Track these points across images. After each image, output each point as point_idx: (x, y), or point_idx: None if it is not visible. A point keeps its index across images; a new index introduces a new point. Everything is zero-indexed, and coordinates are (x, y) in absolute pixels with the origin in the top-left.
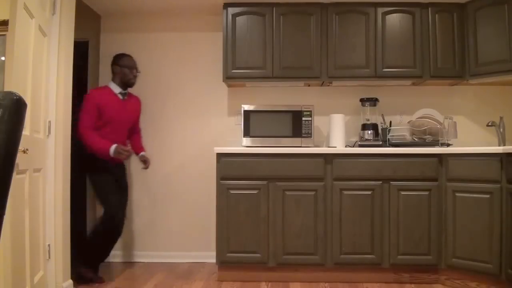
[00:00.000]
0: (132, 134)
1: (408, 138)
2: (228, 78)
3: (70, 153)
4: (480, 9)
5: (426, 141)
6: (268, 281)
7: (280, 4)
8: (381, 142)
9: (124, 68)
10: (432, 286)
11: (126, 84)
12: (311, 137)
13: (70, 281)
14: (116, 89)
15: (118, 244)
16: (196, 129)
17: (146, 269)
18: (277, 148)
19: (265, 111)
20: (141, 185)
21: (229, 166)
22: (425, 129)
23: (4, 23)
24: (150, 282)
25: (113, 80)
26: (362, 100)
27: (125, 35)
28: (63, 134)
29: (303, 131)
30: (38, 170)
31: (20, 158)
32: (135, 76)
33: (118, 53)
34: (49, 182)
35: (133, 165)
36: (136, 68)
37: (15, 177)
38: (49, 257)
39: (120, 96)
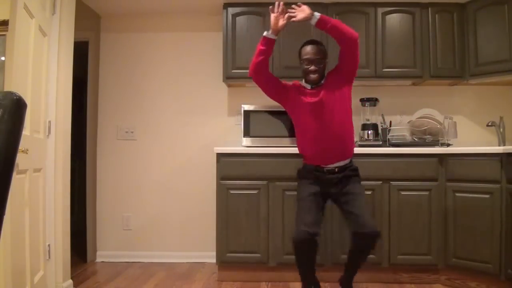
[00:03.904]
0: None
1: (408, 138)
2: (228, 78)
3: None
4: (480, 9)
5: (426, 141)
6: (268, 281)
7: None
8: (381, 142)
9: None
10: (432, 286)
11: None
12: None
13: (70, 281)
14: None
15: (118, 244)
16: (196, 129)
17: (146, 269)
18: (277, 148)
19: (265, 111)
20: (141, 185)
21: (229, 166)
22: (425, 129)
23: (4, 23)
24: (150, 282)
25: None
26: (362, 100)
27: (125, 35)
28: (63, 134)
29: None
30: (38, 170)
31: (20, 158)
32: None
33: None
34: (49, 182)
35: (133, 165)
36: (309, 60)
37: (15, 177)
38: (49, 257)
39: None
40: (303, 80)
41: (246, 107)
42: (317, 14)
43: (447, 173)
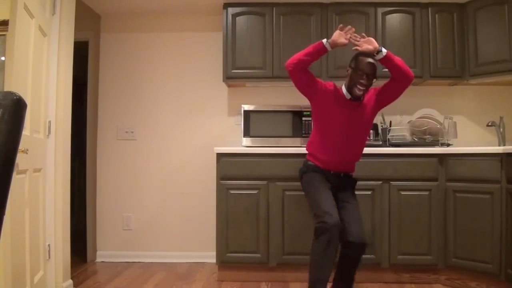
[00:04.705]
0: None
1: (408, 138)
2: (228, 78)
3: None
4: (480, 9)
5: (426, 141)
6: (268, 281)
7: (280, 4)
8: (381, 142)
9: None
10: (432, 286)
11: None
12: None
13: (70, 281)
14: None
15: (118, 244)
16: (196, 129)
17: (146, 269)
18: (277, 148)
19: (265, 111)
20: (141, 185)
21: (229, 166)
22: (425, 129)
23: (4, 23)
24: (150, 282)
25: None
26: None
27: (125, 35)
28: (63, 134)
29: (303, 131)
30: (38, 170)
31: (20, 158)
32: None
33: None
34: (49, 182)
35: (133, 165)
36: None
37: (15, 177)
38: (49, 257)
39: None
40: (343, 86)
41: (246, 107)
42: (384, 51)
43: (447, 173)
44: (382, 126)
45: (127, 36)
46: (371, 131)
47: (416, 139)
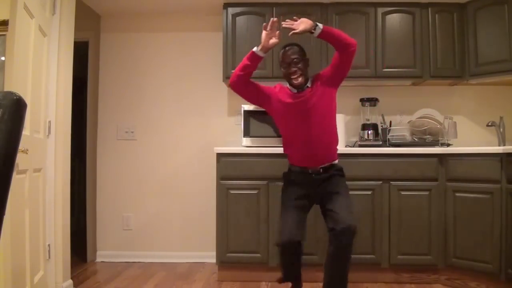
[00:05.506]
0: None
1: (408, 138)
2: (228, 78)
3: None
4: (480, 9)
5: (426, 141)
6: (268, 281)
7: (280, 4)
8: (381, 142)
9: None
10: (432, 286)
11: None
12: None
13: (70, 281)
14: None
15: (118, 244)
16: (196, 129)
17: (146, 269)
18: (277, 148)
19: (265, 111)
20: (141, 184)
21: (229, 166)
22: (425, 129)
23: (4, 23)
24: (150, 282)
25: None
26: (362, 100)
27: (125, 35)
28: (63, 134)
29: None
30: (38, 170)
31: (20, 158)
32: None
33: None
34: (49, 182)
35: (133, 165)
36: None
37: (15, 177)
38: (49, 257)
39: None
40: (288, 84)
41: (246, 107)
42: (321, 25)
43: (447, 173)
44: (382, 126)
45: (127, 36)
46: (370, 131)
47: (416, 139)
